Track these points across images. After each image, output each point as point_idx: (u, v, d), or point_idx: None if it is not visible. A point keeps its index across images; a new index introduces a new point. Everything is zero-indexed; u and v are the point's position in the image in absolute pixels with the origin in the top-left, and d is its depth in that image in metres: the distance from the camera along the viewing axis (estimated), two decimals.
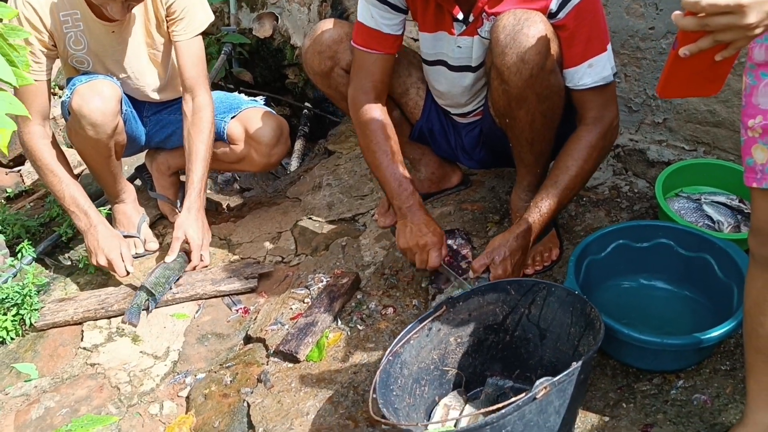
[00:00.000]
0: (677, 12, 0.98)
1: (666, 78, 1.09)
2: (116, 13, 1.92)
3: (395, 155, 1.89)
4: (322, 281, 2.08)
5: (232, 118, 2.35)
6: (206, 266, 2.20)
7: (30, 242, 2.22)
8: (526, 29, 1.59)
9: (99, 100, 2.03)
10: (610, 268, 1.78)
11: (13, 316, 2.03)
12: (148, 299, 2.04)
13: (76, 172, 3.02)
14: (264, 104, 2.47)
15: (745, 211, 1.96)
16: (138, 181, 2.74)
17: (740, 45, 0.99)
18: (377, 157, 1.90)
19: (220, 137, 2.33)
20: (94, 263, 2.13)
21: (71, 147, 3.07)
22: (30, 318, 2.02)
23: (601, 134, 1.74)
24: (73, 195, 2.13)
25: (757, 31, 0.95)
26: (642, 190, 2.22)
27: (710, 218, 1.94)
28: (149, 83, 2.27)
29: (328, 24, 1.98)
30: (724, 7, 0.92)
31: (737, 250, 1.63)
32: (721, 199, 1.99)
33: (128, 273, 2.14)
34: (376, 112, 1.91)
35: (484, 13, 1.71)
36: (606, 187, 2.25)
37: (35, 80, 2.01)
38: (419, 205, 1.87)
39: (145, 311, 2.05)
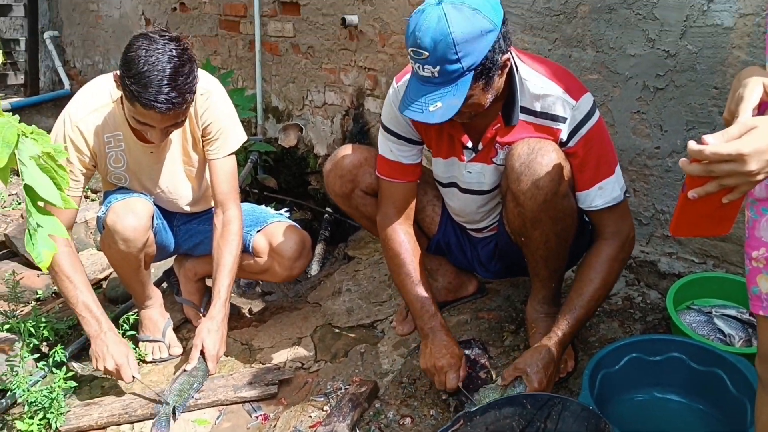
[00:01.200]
0: (684, 159, 1.07)
1: (677, 218, 1.16)
2: (155, 139, 2.06)
3: (418, 277, 1.99)
4: (340, 388, 2.12)
5: (257, 231, 2.46)
6: (211, 374, 2.23)
7: (62, 346, 2.28)
8: (540, 158, 1.71)
9: (132, 218, 2.16)
10: (624, 382, 1.81)
11: (40, 419, 2.07)
12: (174, 407, 2.09)
13: (104, 274, 3.15)
14: (288, 217, 2.58)
15: (756, 324, 1.99)
16: (165, 284, 2.84)
17: (745, 189, 1.05)
18: (401, 279, 2.01)
19: (245, 249, 2.43)
20: (101, 368, 2.14)
21: (100, 250, 3.20)
22: (56, 422, 2.06)
23: (619, 247, 1.83)
24: (86, 301, 2.16)
25: (759, 177, 1.02)
26: (654, 301, 2.27)
27: (721, 332, 1.98)
28: (183, 197, 2.40)
29: (347, 150, 2.12)
30: (726, 156, 1.00)
31: (748, 366, 1.67)
32: (732, 312, 2.04)
33: (134, 379, 2.14)
34: (401, 235, 2.02)
35: (497, 144, 1.84)
36: (619, 297, 2.31)
37: (69, 196, 2.13)
38: (441, 326, 1.95)
39: (171, 417, 2.08)
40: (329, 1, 3.48)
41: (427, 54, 1.57)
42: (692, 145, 1.03)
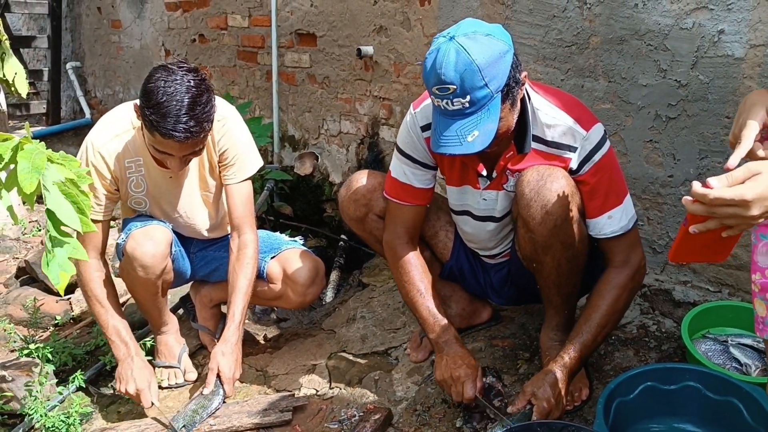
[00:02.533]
0: (687, 197, 1.09)
1: (677, 247, 1.18)
2: (174, 167, 2.11)
3: (429, 292, 2.02)
4: (354, 416, 2.12)
5: (271, 258, 2.49)
6: (228, 397, 2.26)
7: (82, 372, 2.32)
8: (549, 184, 1.73)
9: (151, 245, 2.21)
10: (639, 410, 1.80)
11: None
12: (184, 426, 2.10)
13: (122, 300, 3.18)
14: (303, 244, 2.61)
15: None
16: (181, 311, 2.87)
17: (744, 228, 1.07)
18: (412, 295, 2.02)
19: (259, 275, 2.45)
20: (123, 391, 2.20)
21: (118, 277, 3.24)
22: None
23: (629, 276, 1.84)
24: (117, 326, 2.26)
25: (760, 221, 1.04)
26: (670, 329, 2.26)
27: (738, 361, 1.97)
28: (200, 222, 2.44)
29: (362, 175, 2.16)
30: (729, 201, 1.02)
31: (764, 395, 1.65)
32: (748, 341, 2.02)
33: (152, 405, 2.20)
34: (410, 254, 2.05)
35: (508, 170, 1.87)
36: (634, 326, 2.30)
37: (96, 219, 2.20)
38: (455, 339, 1.97)
39: None
40: (345, 33, 3.55)
41: (455, 87, 1.59)
42: (696, 187, 1.05)
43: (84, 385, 2.28)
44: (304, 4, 3.76)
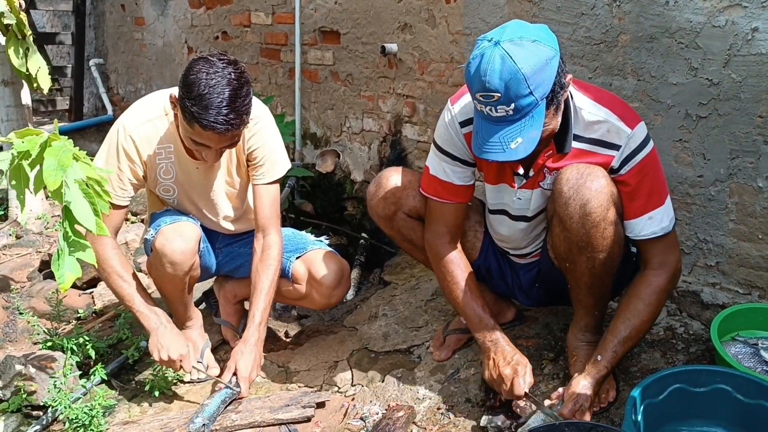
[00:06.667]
0: None
1: None
2: (210, 159, 2.11)
3: (474, 291, 2.00)
4: (377, 413, 2.11)
5: (297, 258, 2.48)
6: (243, 397, 2.25)
7: (103, 365, 2.32)
8: (589, 183, 1.71)
9: (180, 241, 2.22)
10: (667, 412, 1.77)
11: None
12: (204, 425, 2.10)
13: None
14: (327, 243, 2.60)
15: None
16: (203, 305, 2.87)
17: None
18: (456, 294, 2.01)
19: (284, 275, 2.45)
20: (164, 358, 2.18)
21: (140, 272, 3.26)
22: None
23: (668, 278, 1.82)
24: (143, 298, 2.24)
25: None
26: (697, 332, 2.23)
27: None
28: (224, 215, 2.45)
29: (392, 172, 2.13)
30: None
31: None
32: None
33: (193, 369, 2.26)
34: (453, 253, 2.03)
35: (546, 168, 1.84)
36: (661, 327, 2.27)
37: (118, 204, 2.22)
38: (501, 337, 1.95)
39: None
40: (369, 30, 3.54)
41: (499, 95, 1.56)
42: None
43: (107, 378, 2.29)
44: (328, 2, 3.76)
